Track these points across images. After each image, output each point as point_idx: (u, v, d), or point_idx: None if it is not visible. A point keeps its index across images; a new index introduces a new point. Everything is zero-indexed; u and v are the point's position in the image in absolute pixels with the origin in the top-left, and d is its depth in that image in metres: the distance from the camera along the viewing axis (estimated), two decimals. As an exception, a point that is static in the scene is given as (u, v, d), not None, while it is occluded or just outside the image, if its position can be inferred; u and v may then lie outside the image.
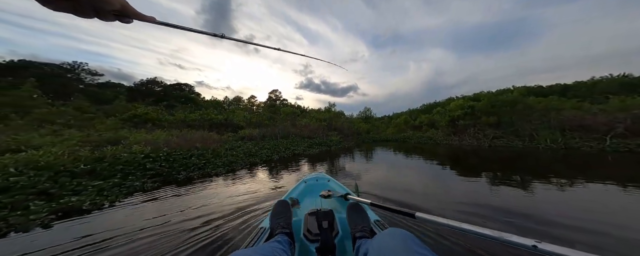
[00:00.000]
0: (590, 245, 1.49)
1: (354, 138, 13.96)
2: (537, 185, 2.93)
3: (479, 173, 3.88)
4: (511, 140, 8.99)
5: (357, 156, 7.13)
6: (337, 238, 0.78)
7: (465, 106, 12.17)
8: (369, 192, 2.70)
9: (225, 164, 4.97)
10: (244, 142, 8.46)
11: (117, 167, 3.60)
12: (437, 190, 2.95)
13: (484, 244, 1.41)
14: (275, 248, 0.60)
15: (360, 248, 0.65)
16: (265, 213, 1.97)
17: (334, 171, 4.71)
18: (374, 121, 21.93)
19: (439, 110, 15.26)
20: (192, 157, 4.95)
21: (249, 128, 11.68)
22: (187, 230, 1.81)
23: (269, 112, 17.24)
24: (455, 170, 4.35)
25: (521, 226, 1.77)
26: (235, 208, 2.34)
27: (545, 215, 1.96)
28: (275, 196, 2.73)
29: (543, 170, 4.28)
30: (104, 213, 2.30)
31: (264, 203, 2.48)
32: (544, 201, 2.33)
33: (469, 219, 1.95)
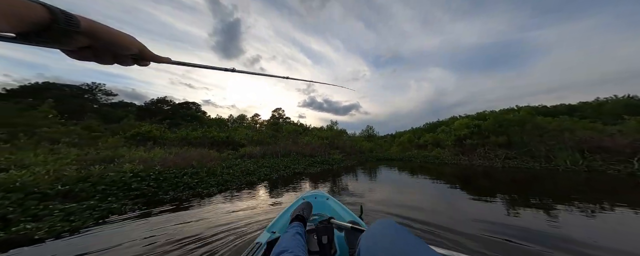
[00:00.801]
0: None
1: (357, 156, 13.41)
2: (567, 209, 2.59)
3: (499, 195, 3.40)
4: (526, 161, 8.35)
5: (361, 175, 6.60)
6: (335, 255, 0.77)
7: (471, 125, 11.78)
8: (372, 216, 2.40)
9: (219, 183, 4.56)
10: (243, 160, 8.09)
11: (98, 188, 3.26)
12: (453, 213, 2.54)
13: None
14: (298, 242, 0.64)
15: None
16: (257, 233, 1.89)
17: (337, 191, 4.29)
18: (377, 140, 21.44)
19: (444, 128, 14.85)
20: (184, 175, 4.59)
21: (250, 146, 11.40)
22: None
23: (272, 130, 17.14)
24: (471, 191, 3.85)
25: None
26: (217, 233, 1.98)
27: (582, 241, 1.74)
28: (265, 221, 2.39)
29: (570, 193, 3.78)
30: (57, 242, 1.91)
31: (251, 229, 2.09)
32: (575, 226, 2.06)
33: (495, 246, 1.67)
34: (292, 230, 0.73)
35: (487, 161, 8.99)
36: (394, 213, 2.48)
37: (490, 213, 2.47)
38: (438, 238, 1.81)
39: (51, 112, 10.70)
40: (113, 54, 0.32)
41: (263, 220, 2.50)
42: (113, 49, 0.31)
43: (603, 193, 3.78)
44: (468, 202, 3.12)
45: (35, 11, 0.23)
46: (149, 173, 4.15)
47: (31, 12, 0.22)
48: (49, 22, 0.24)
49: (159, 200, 3.39)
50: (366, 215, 2.18)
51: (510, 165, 8.30)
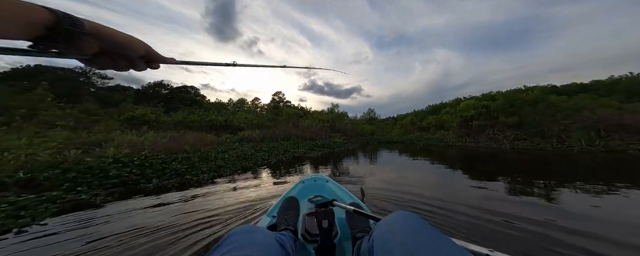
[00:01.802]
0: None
1: (358, 139, 12.98)
2: (587, 192, 2.31)
3: (507, 179, 3.09)
4: (536, 142, 7.79)
5: (362, 159, 6.17)
6: (336, 238, 0.72)
7: (479, 106, 11.01)
8: (371, 201, 2.17)
9: (212, 169, 4.14)
10: (241, 144, 7.67)
11: (68, 175, 2.82)
12: (454, 197, 2.31)
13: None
14: (283, 239, 0.55)
15: (361, 245, 0.60)
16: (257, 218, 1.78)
17: (338, 175, 3.95)
18: (378, 122, 20.85)
19: (448, 110, 14.10)
20: (173, 161, 4.16)
21: (249, 129, 10.94)
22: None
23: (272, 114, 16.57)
24: (477, 175, 3.44)
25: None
26: (194, 226, 1.68)
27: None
28: (258, 213, 2.05)
29: (588, 175, 3.38)
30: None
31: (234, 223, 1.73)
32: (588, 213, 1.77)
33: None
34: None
35: (494, 143, 8.45)
36: (395, 197, 2.30)
37: (494, 198, 2.24)
38: (437, 221, 1.67)
39: (47, 95, 10.13)
40: (126, 58, 0.32)
41: (252, 213, 2.07)
42: (120, 50, 0.31)
43: (624, 175, 3.34)
44: (472, 186, 2.80)
45: (39, 13, 0.23)
46: (132, 159, 3.70)
47: (34, 14, 0.23)
48: (54, 24, 0.24)
49: (140, 189, 2.97)
50: (366, 199, 2.04)
51: (520, 147, 7.77)
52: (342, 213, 0.91)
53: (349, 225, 0.80)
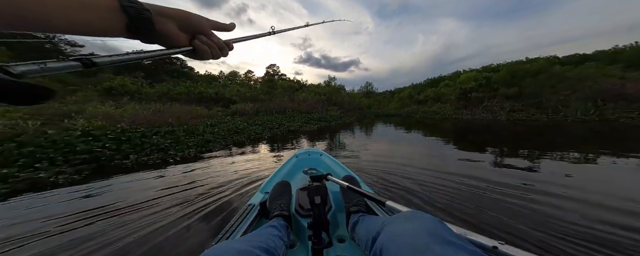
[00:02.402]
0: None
1: (355, 113, 12.62)
2: (558, 158, 2.45)
3: (493, 149, 3.13)
4: (532, 113, 7.63)
5: (358, 132, 5.91)
6: (329, 213, 0.70)
7: (480, 77, 10.43)
8: (365, 171, 2.17)
9: (199, 144, 3.77)
10: (233, 118, 7.19)
11: (24, 150, 2.39)
12: (441, 166, 2.35)
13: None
14: (270, 235, 0.50)
15: (357, 223, 0.60)
16: (249, 195, 1.57)
17: (334, 148, 3.74)
18: (376, 96, 20.21)
19: (448, 83, 13.49)
20: (156, 135, 3.72)
21: (242, 103, 10.26)
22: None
23: (266, 87, 15.53)
24: (466, 146, 3.49)
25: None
26: (170, 208, 1.43)
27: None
28: (249, 187, 1.87)
29: (570, 143, 3.48)
30: None
31: (218, 207, 1.47)
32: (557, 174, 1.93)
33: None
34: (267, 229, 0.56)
35: (490, 114, 8.29)
36: (387, 168, 2.26)
37: (481, 167, 2.27)
38: (424, 190, 1.70)
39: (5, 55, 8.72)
40: (217, 45, 0.32)
41: (242, 190, 1.79)
42: (193, 28, 0.30)
43: (605, 142, 3.47)
44: (460, 157, 2.78)
45: (103, 1, 0.23)
46: (106, 132, 3.24)
47: (102, 2, 0.23)
48: (119, 9, 0.23)
49: (114, 167, 2.62)
50: (360, 171, 2.08)
51: (516, 118, 7.65)
52: (336, 187, 0.86)
53: (343, 199, 0.77)
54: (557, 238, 1.08)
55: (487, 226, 1.19)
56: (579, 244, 1.03)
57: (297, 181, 1.10)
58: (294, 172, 1.24)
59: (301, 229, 0.69)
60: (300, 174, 1.20)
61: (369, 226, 0.51)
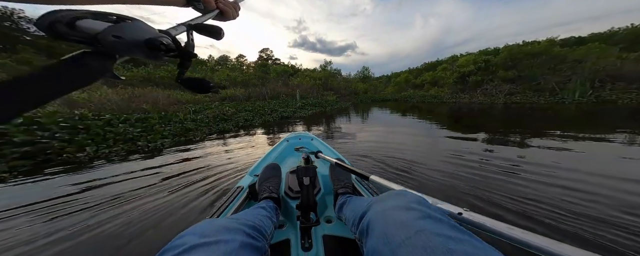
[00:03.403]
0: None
1: (351, 98, 12.03)
2: (545, 141, 2.36)
3: (485, 133, 2.97)
4: (529, 95, 7.30)
5: (354, 117, 5.44)
6: (318, 195, 0.70)
7: (479, 60, 9.83)
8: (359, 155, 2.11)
9: (178, 133, 3.22)
10: (222, 103, 6.52)
11: None
12: (433, 150, 2.28)
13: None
14: (258, 215, 0.48)
15: (345, 204, 0.60)
16: (236, 179, 1.55)
17: (328, 133, 3.43)
18: (372, 81, 19.41)
19: (445, 66, 12.84)
20: (124, 122, 3.13)
21: (233, 88, 9.42)
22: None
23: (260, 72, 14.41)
24: (460, 130, 3.30)
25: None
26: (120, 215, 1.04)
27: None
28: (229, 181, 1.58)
29: (561, 126, 3.32)
30: None
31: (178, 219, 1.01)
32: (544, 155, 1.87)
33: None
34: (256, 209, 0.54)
35: (488, 98, 7.93)
36: (380, 153, 2.15)
37: (469, 150, 2.19)
38: (415, 172, 1.66)
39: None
40: (232, 5, 0.39)
41: (220, 186, 1.35)
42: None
43: (596, 124, 3.33)
44: (452, 140, 2.70)
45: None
46: (56, 120, 2.63)
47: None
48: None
49: (63, 162, 2.09)
50: (354, 156, 2.03)
51: (513, 101, 7.33)
52: (325, 170, 0.88)
53: (331, 182, 0.76)
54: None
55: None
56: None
57: (287, 164, 1.06)
58: (284, 156, 1.19)
59: (290, 210, 0.67)
60: (291, 158, 1.17)
61: (355, 206, 0.51)
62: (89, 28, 0.16)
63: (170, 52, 0.20)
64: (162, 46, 0.19)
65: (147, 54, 0.19)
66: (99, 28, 0.16)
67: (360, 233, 0.36)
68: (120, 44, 0.17)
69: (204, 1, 0.32)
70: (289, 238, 0.60)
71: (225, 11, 0.36)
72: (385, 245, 0.28)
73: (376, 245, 0.29)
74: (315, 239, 0.57)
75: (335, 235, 0.60)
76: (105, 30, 0.17)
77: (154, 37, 0.19)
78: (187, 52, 0.22)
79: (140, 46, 0.18)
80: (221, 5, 0.35)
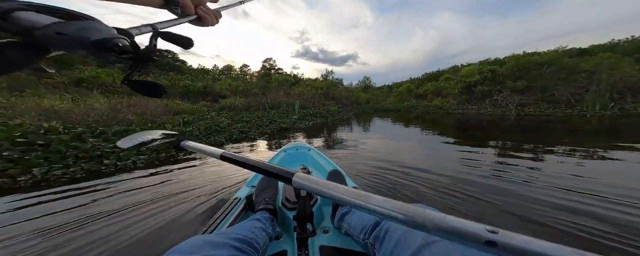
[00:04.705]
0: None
1: (353, 107, 11.65)
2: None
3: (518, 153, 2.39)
4: (544, 107, 6.80)
5: (358, 131, 4.97)
6: (315, 205, 0.70)
7: (485, 70, 9.49)
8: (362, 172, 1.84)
9: (158, 148, 2.76)
10: (218, 113, 6.14)
11: None
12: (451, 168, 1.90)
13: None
14: (251, 227, 0.49)
15: (348, 213, 0.60)
16: (235, 188, 1.48)
17: (330, 147, 2.91)
18: (373, 90, 19.19)
19: (448, 76, 12.54)
20: (98, 136, 2.70)
21: (234, 97, 9.14)
22: None
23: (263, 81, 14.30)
24: (481, 145, 2.75)
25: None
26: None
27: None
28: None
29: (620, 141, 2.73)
30: None
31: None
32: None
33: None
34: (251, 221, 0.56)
35: (498, 109, 7.44)
36: (386, 170, 1.88)
37: (505, 173, 1.79)
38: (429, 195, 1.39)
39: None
40: (214, 13, 0.37)
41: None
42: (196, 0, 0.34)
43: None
44: (475, 158, 2.24)
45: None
46: (11, 135, 2.20)
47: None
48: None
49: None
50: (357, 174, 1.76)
51: (526, 113, 6.82)
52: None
53: None
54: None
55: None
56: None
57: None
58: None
59: (287, 221, 0.67)
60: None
61: (364, 215, 0.49)
62: (28, 20, 0.15)
63: (124, 54, 0.18)
64: (115, 47, 0.17)
65: (92, 52, 0.17)
66: (42, 22, 0.15)
67: (374, 238, 0.38)
68: (60, 40, 0.15)
69: (182, 5, 0.30)
70: (286, 250, 0.58)
71: (203, 18, 0.35)
72: (405, 248, 0.28)
73: (394, 248, 0.30)
74: (312, 250, 0.57)
75: (332, 246, 0.59)
76: (50, 26, 0.15)
77: (105, 38, 0.17)
78: (143, 56, 0.20)
79: (86, 45, 0.16)
80: (200, 11, 0.34)
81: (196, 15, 0.33)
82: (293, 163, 1.22)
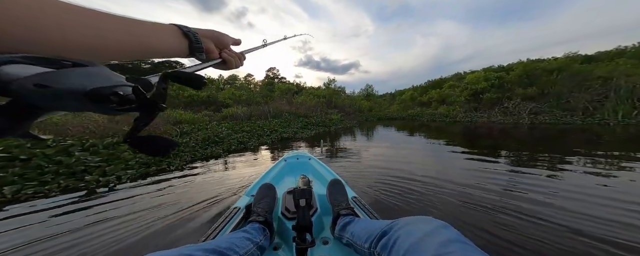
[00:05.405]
0: None
1: (356, 116, 11.44)
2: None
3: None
4: (558, 115, 6.41)
5: (362, 138, 4.70)
6: (315, 215, 0.68)
7: (491, 77, 9.25)
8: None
9: (148, 162, 2.57)
10: (219, 123, 6.02)
11: None
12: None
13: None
14: (235, 238, 0.49)
15: (350, 223, 0.59)
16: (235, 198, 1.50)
17: (346, 171, 2.50)
18: (376, 98, 19.07)
19: (452, 83, 12.32)
20: (86, 150, 2.54)
21: (237, 106, 9.11)
22: None
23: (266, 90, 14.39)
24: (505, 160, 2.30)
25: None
26: None
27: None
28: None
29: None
30: None
31: None
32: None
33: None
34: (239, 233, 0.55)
35: (510, 117, 7.06)
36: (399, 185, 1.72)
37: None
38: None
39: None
40: (238, 56, 0.37)
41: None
42: (222, 44, 0.34)
43: None
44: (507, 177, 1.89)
45: (179, 37, 0.27)
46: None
47: (179, 37, 0.27)
48: (181, 34, 0.27)
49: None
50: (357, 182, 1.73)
51: (540, 121, 6.42)
52: (322, 190, 0.86)
53: (330, 202, 0.76)
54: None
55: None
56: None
57: (285, 184, 1.06)
58: (282, 175, 1.19)
59: (286, 231, 0.66)
60: (288, 177, 1.17)
61: (368, 225, 0.50)
62: (8, 74, 0.12)
63: (127, 105, 0.15)
64: (113, 97, 0.14)
65: (89, 107, 0.14)
66: (21, 73, 0.12)
67: (381, 247, 0.37)
68: (40, 94, 0.12)
69: (206, 51, 0.30)
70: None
71: (228, 61, 0.35)
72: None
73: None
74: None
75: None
76: (29, 78, 0.12)
77: (102, 87, 0.14)
78: (147, 103, 0.17)
79: (78, 98, 0.13)
80: (225, 55, 0.34)
81: (221, 58, 0.34)
82: (293, 173, 1.20)
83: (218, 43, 0.33)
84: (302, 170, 1.22)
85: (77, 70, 0.14)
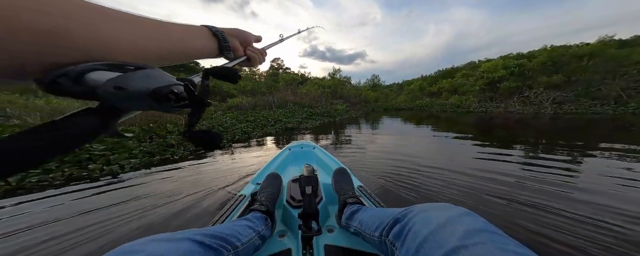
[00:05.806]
0: None
1: (362, 106, 11.12)
2: None
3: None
4: (588, 104, 5.84)
5: (369, 128, 4.50)
6: (320, 203, 0.68)
7: (511, 65, 8.50)
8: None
9: (153, 151, 2.53)
10: (224, 114, 5.97)
11: None
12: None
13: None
14: (235, 225, 0.48)
15: (358, 211, 0.57)
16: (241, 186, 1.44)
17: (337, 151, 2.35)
18: (382, 89, 18.40)
19: (466, 72, 11.55)
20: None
21: (241, 96, 9.02)
22: None
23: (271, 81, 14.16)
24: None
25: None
26: None
27: None
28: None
29: None
30: None
31: None
32: None
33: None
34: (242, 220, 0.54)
35: (530, 107, 6.54)
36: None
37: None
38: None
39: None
40: (261, 52, 0.38)
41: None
42: (246, 42, 0.34)
43: None
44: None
45: (210, 40, 0.28)
46: None
47: (209, 40, 0.28)
48: (211, 35, 0.28)
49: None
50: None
51: (565, 111, 5.89)
52: (327, 179, 0.86)
53: (335, 190, 0.75)
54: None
55: None
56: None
57: (290, 173, 1.05)
58: (286, 164, 1.17)
59: (292, 219, 0.65)
60: (293, 166, 1.16)
61: (378, 213, 0.48)
62: (94, 80, 0.14)
63: (181, 101, 0.18)
64: (171, 95, 0.16)
65: (154, 106, 0.16)
66: (103, 79, 0.14)
67: (394, 236, 0.35)
68: (119, 96, 0.14)
69: (233, 50, 0.32)
70: (291, 248, 0.58)
71: (252, 57, 0.36)
72: (434, 248, 0.26)
73: (420, 247, 0.28)
74: (316, 248, 0.56)
75: (337, 245, 0.58)
76: (107, 82, 0.14)
77: (162, 86, 0.16)
78: (196, 100, 0.19)
79: (144, 98, 0.16)
80: (249, 52, 0.36)
81: (245, 56, 0.35)
82: (297, 162, 1.19)
83: (242, 41, 0.33)
84: (307, 159, 1.21)
85: (139, 73, 0.15)
